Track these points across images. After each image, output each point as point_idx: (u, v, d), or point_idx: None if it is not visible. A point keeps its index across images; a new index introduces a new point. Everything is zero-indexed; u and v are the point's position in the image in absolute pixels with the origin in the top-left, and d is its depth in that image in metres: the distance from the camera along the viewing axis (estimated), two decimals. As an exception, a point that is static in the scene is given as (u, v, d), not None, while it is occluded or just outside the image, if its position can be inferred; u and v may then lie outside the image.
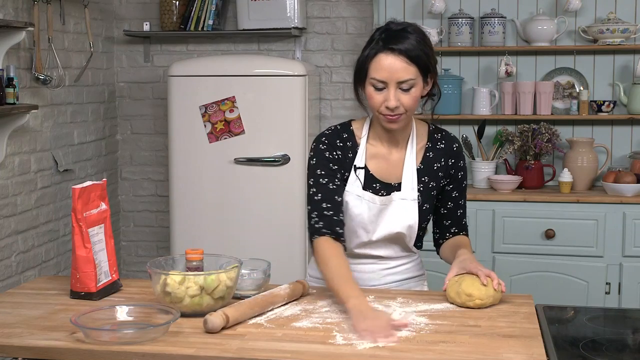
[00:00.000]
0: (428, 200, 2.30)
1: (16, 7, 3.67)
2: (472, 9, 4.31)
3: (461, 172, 2.35)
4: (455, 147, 2.35)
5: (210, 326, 1.90)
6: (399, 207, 2.28)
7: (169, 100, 4.23)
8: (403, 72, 2.11)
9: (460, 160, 2.34)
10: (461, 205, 2.36)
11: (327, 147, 2.29)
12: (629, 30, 4.08)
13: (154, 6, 4.69)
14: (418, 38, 2.14)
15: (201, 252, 2.21)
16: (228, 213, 4.18)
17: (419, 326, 1.97)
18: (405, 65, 2.11)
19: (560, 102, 4.31)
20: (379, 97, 2.15)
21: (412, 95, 2.15)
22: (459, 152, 2.36)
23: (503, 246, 3.95)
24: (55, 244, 4.15)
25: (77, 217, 2.19)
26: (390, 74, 2.11)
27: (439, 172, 2.31)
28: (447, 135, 2.38)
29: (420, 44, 2.13)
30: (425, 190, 2.30)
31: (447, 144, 2.34)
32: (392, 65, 2.11)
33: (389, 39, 2.12)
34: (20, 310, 2.11)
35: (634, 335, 2.18)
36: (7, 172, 3.68)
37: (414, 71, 2.12)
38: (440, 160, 2.32)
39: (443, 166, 2.32)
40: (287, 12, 4.41)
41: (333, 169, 2.27)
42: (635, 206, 3.85)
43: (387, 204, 2.28)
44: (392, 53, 2.11)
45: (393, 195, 2.28)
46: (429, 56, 2.15)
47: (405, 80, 2.12)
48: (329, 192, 2.23)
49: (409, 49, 2.11)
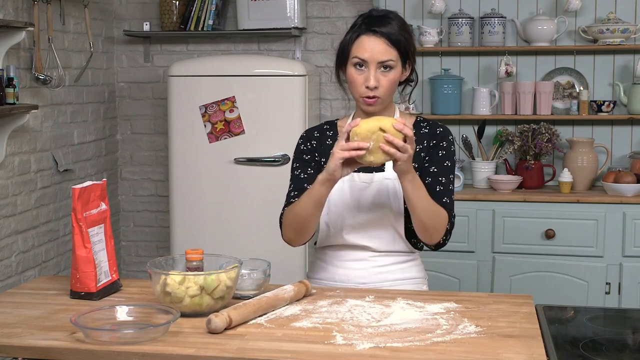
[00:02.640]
0: None
1: (16, 7, 3.67)
2: (472, 9, 4.31)
3: (442, 150, 2.32)
4: (439, 131, 2.35)
5: (213, 327, 1.90)
6: (383, 186, 2.31)
7: (169, 100, 4.23)
8: (384, 53, 2.21)
9: (442, 141, 2.33)
10: (440, 182, 2.29)
11: (302, 140, 2.43)
12: (629, 30, 4.08)
13: (154, 6, 4.69)
14: (399, 24, 2.24)
15: (201, 252, 2.21)
16: (228, 213, 4.18)
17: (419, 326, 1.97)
18: (386, 47, 2.21)
19: (560, 102, 4.31)
20: (359, 77, 2.24)
21: (390, 78, 2.23)
22: (442, 135, 2.34)
23: (503, 246, 3.95)
24: (55, 244, 4.15)
25: (77, 217, 2.19)
26: (371, 54, 2.21)
27: (420, 153, 2.33)
28: (434, 123, 2.39)
29: (401, 29, 2.23)
30: None
31: (430, 129, 2.36)
32: (374, 45, 2.21)
33: (371, 22, 2.23)
34: (20, 310, 2.11)
35: (634, 335, 2.18)
36: (7, 172, 3.68)
37: (395, 54, 2.22)
38: (423, 142, 2.34)
39: (425, 147, 2.34)
40: (287, 12, 4.41)
41: (306, 159, 2.40)
42: (635, 206, 3.85)
43: (369, 182, 2.32)
44: (375, 35, 2.21)
45: (375, 175, 2.32)
46: (408, 42, 2.25)
47: (386, 61, 2.21)
48: (299, 181, 2.37)
49: (391, 32, 2.21)
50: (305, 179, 2.37)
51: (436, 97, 4.28)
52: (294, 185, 2.40)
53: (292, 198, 2.37)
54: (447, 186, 2.31)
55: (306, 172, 2.39)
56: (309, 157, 2.41)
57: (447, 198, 2.30)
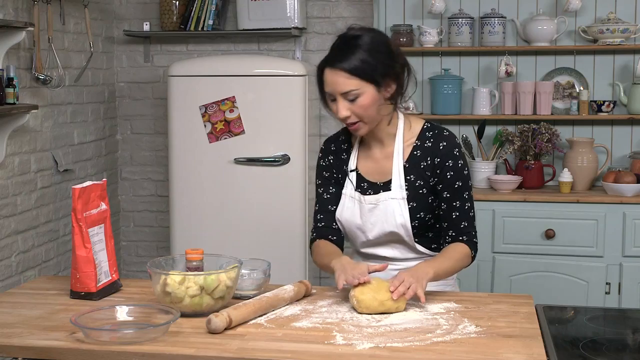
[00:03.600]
0: (416, 199, 2.31)
1: (16, 7, 3.67)
2: (472, 9, 4.31)
3: (450, 172, 2.30)
4: (441, 146, 2.31)
5: (214, 327, 1.90)
6: (389, 206, 2.32)
7: (169, 100, 4.23)
8: (343, 85, 2.19)
9: (448, 160, 2.30)
10: (456, 207, 2.30)
11: (322, 154, 2.47)
12: (629, 30, 4.08)
13: (154, 6, 4.69)
14: (365, 49, 2.19)
15: (201, 252, 2.21)
16: (228, 213, 4.18)
17: (419, 326, 1.97)
18: (345, 79, 2.19)
19: (560, 102, 4.31)
20: (333, 107, 2.27)
21: (360, 105, 2.21)
22: (446, 152, 2.31)
23: (503, 246, 3.95)
24: (55, 244, 4.15)
25: (77, 217, 2.19)
26: (333, 88, 2.22)
27: (425, 171, 2.32)
28: (439, 134, 2.35)
29: (367, 54, 2.19)
30: (412, 188, 2.31)
31: (434, 143, 2.33)
32: (333, 79, 2.21)
33: (333, 53, 2.23)
34: (20, 310, 2.11)
35: (634, 335, 2.18)
36: (7, 172, 3.68)
37: (357, 83, 2.19)
38: (427, 159, 2.32)
39: (429, 165, 2.32)
40: (287, 12, 4.41)
41: (326, 176, 2.44)
42: (635, 206, 3.84)
43: (376, 203, 2.33)
44: (333, 68, 2.21)
45: (381, 195, 2.33)
46: (375, 66, 2.20)
47: (348, 92, 2.20)
48: (323, 202, 2.44)
49: (349, 64, 2.18)
50: (329, 200, 2.42)
51: (436, 97, 4.28)
52: (319, 206, 2.44)
53: (319, 222, 2.43)
54: (463, 209, 2.31)
55: (328, 191, 2.43)
56: (329, 174, 2.44)
57: (465, 222, 2.31)
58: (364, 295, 2.06)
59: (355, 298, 2.07)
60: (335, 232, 2.42)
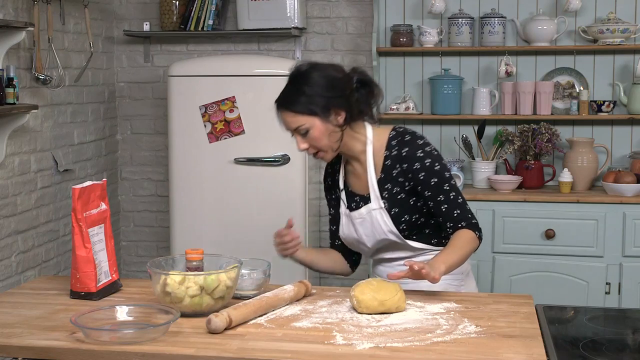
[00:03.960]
0: (397, 205, 2.41)
1: (16, 7, 3.67)
2: (472, 9, 4.31)
3: (422, 173, 2.37)
4: (404, 152, 2.39)
5: (213, 327, 1.90)
6: (373, 217, 2.44)
7: (169, 100, 4.23)
8: (291, 123, 2.36)
9: (414, 164, 2.37)
10: (442, 201, 2.36)
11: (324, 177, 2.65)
12: (629, 30, 4.08)
13: (154, 6, 4.69)
14: (304, 87, 2.34)
15: (201, 252, 2.21)
16: (228, 213, 4.18)
17: (419, 326, 1.97)
18: (291, 118, 2.35)
19: (560, 102, 4.31)
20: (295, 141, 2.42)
21: (312, 136, 2.34)
22: (411, 156, 2.38)
23: (503, 246, 3.95)
24: (55, 244, 4.15)
25: (77, 217, 2.19)
26: (286, 126, 2.39)
27: (398, 177, 2.41)
28: (401, 141, 2.42)
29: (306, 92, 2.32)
30: (391, 196, 2.41)
31: (398, 150, 2.41)
32: (283, 119, 2.39)
33: (280, 96, 2.38)
34: (20, 310, 2.11)
35: (634, 335, 2.18)
36: (7, 172, 3.68)
37: (302, 119, 2.33)
38: (396, 166, 2.41)
39: (400, 172, 2.40)
40: (287, 12, 4.41)
41: (328, 198, 2.63)
42: (635, 206, 3.84)
43: (363, 217, 2.46)
44: (280, 109, 2.38)
45: (362, 209, 2.46)
46: (315, 101, 2.32)
47: (297, 128, 2.35)
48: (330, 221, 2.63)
49: (290, 104, 2.34)
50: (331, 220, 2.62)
51: (436, 97, 4.28)
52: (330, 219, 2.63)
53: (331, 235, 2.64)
54: (449, 199, 2.37)
55: (330, 212, 2.63)
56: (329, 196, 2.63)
57: (456, 210, 2.38)
58: (364, 295, 2.06)
59: (355, 298, 2.07)
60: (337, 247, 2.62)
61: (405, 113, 4.30)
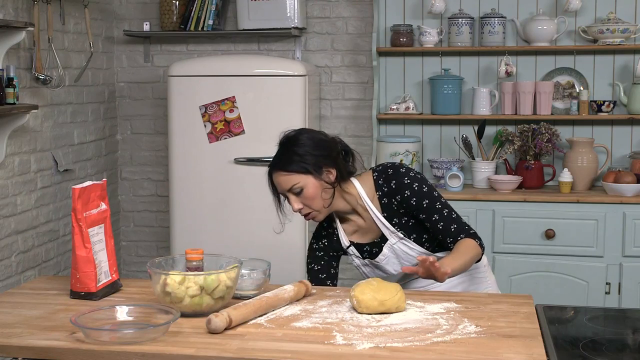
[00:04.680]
0: (413, 231, 2.48)
1: (16, 7, 3.67)
2: (472, 9, 4.31)
3: (413, 198, 2.43)
4: (393, 184, 2.45)
5: (213, 327, 1.90)
6: (397, 251, 2.49)
7: (169, 100, 4.23)
8: (285, 183, 2.42)
9: (404, 192, 2.44)
10: (437, 220, 2.43)
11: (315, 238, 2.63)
12: (629, 30, 4.08)
13: (154, 6, 4.69)
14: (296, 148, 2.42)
15: (201, 252, 2.21)
16: (228, 213, 4.18)
17: (419, 326, 1.97)
18: (284, 178, 2.42)
19: (560, 102, 4.31)
20: (289, 204, 2.47)
21: (306, 196, 2.41)
22: (399, 186, 2.45)
23: (503, 246, 3.95)
24: (55, 244, 4.15)
25: (77, 217, 2.19)
26: (280, 187, 2.45)
27: (399, 209, 2.47)
28: (387, 176, 2.48)
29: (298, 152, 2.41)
30: (403, 226, 2.48)
31: (387, 186, 2.47)
32: (277, 180, 2.45)
33: (273, 160, 2.46)
34: (20, 310, 2.11)
35: (634, 335, 2.18)
36: (7, 172, 3.68)
37: (296, 177, 2.40)
38: (392, 201, 2.47)
39: (397, 203, 2.47)
40: (287, 12, 4.41)
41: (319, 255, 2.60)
42: (635, 206, 3.85)
43: (387, 256, 2.51)
44: (274, 171, 2.45)
45: (384, 249, 2.50)
46: (307, 159, 2.41)
47: (292, 187, 2.41)
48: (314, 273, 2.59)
49: (282, 164, 2.42)
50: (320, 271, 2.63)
51: (436, 97, 4.28)
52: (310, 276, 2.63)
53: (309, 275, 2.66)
54: (443, 216, 2.44)
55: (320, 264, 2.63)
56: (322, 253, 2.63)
57: (452, 225, 2.43)
58: (364, 295, 2.06)
59: (355, 298, 2.07)
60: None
61: (405, 113, 4.30)
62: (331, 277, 2.58)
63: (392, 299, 2.06)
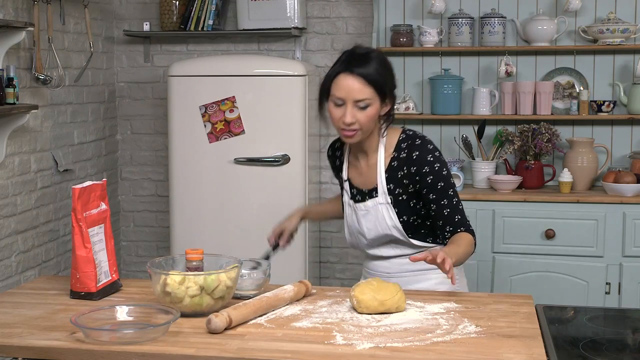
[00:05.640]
0: (398, 205, 2.45)
1: (16, 7, 3.67)
2: (472, 9, 4.31)
3: (430, 176, 2.40)
4: (415, 156, 2.42)
5: (213, 327, 1.90)
6: (378, 211, 2.46)
7: (169, 100, 4.23)
8: (359, 92, 2.31)
9: (424, 167, 2.41)
10: (445, 205, 2.41)
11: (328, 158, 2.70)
12: (629, 30, 4.08)
13: (154, 6, 4.69)
14: (378, 64, 2.34)
15: (201, 252, 2.21)
16: (228, 213, 4.18)
17: (419, 326, 1.97)
18: (362, 86, 2.31)
19: (560, 102, 4.31)
20: (337, 112, 2.36)
21: (367, 114, 2.34)
22: (420, 160, 2.42)
23: (503, 246, 3.95)
24: (55, 244, 4.15)
25: (77, 217, 2.19)
26: (347, 93, 2.32)
27: (403, 179, 2.43)
28: (412, 144, 2.45)
29: (380, 69, 2.34)
30: (392, 195, 2.45)
31: (409, 153, 2.43)
32: (350, 85, 2.32)
33: (350, 60, 2.34)
34: (20, 310, 2.11)
35: (634, 335, 2.18)
36: (7, 172, 3.68)
37: (370, 92, 2.32)
38: (403, 169, 2.43)
39: (406, 174, 2.43)
40: (287, 12, 4.41)
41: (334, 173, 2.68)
42: (635, 206, 3.85)
43: (368, 209, 2.49)
44: (351, 74, 2.32)
45: (368, 201, 2.48)
46: (386, 81, 2.35)
47: (361, 100, 2.32)
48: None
49: (368, 72, 2.31)
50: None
51: (436, 97, 4.28)
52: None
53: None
54: (452, 204, 2.42)
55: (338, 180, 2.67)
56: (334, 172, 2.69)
57: (457, 215, 2.43)
58: (364, 295, 2.06)
59: (355, 298, 2.07)
60: None
61: (405, 113, 4.30)
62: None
63: (392, 299, 2.06)
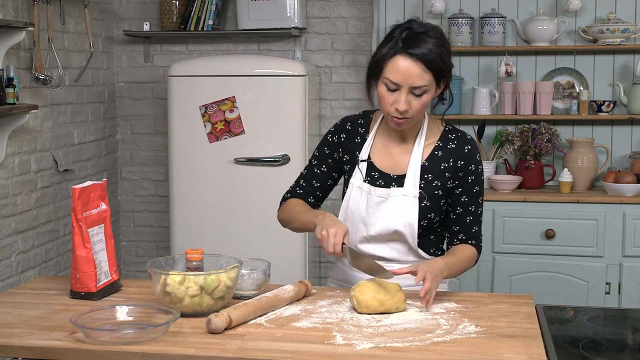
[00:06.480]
0: (431, 199, 2.27)
1: (16, 7, 3.67)
2: (472, 9, 4.31)
3: (472, 176, 2.28)
4: (467, 149, 2.28)
5: (213, 327, 1.90)
6: (398, 203, 2.27)
7: (169, 100, 4.23)
8: (418, 78, 2.11)
9: (471, 164, 2.28)
10: (471, 211, 2.29)
11: (335, 129, 2.39)
12: (629, 30, 4.08)
13: (154, 6, 4.69)
14: (437, 43, 2.13)
15: (201, 252, 2.21)
16: (228, 213, 4.18)
17: (419, 326, 1.97)
18: (421, 72, 2.11)
19: (560, 102, 4.31)
20: (390, 97, 2.16)
21: (422, 101, 2.16)
22: (471, 155, 2.28)
23: (503, 246, 3.95)
24: (55, 244, 4.15)
25: (77, 217, 2.19)
26: (405, 78, 2.12)
27: (445, 172, 2.28)
28: (462, 137, 2.31)
29: (439, 49, 2.12)
30: (428, 187, 2.27)
31: (458, 145, 2.29)
32: (408, 70, 2.11)
33: (409, 41, 2.12)
34: (20, 310, 2.11)
35: (634, 335, 2.18)
36: (7, 172, 3.68)
37: (429, 78, 2.13)
38: (449, 160, 2.28)
39: (451, 167, 2.28)
40: (287, 12, 4.41)
41: (326, 153, 2.39)
42: (635, 206, 3.84)
43: (386, 197, 2.28)
44: (410, 57, 2.11)
45: (393, 190, 2.28)
46: (445, 62, 2.14)
47: (419, 87, 2.13)
48: (311, 175, 2.42)
49: (427, 55, 2.10)
50: (317, 175, 2.41)
51: (436, 97, 4.27)
52: (306, 174, 2.44)
53: (298, 187, 2.44)
54: (476, 214, 2.30)
55: (321, 167, 2.41)
56: (330, 151, 2.39)
57: (476, 227, 2.31)
58: (364, 295, 2.06)
59: (355, 298, 2.07)
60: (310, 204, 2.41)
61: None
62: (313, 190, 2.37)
63: (392, 299, 2.06)
